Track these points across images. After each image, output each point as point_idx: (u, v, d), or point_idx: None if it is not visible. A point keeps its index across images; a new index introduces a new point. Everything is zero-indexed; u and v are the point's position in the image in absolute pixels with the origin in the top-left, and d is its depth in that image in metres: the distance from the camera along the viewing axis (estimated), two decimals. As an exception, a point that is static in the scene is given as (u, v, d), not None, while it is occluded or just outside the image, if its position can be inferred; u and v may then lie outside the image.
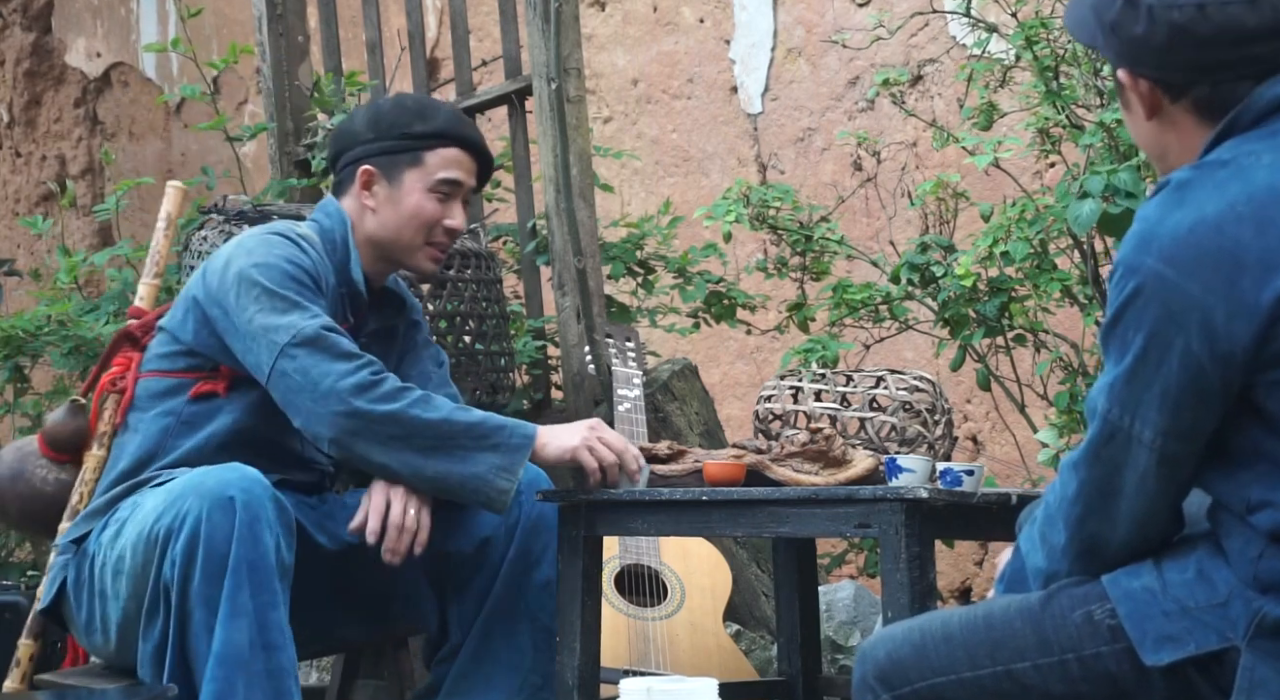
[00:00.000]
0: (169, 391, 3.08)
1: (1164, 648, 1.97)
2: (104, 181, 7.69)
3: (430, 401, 2.91)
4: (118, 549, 2.89)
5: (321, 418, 2.89)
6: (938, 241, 3.85)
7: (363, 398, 2.88)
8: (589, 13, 5.86)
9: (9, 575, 4.79)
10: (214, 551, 2.73)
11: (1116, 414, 1.98)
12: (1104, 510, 2.02)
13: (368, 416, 2.88)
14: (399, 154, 3.13)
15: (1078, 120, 3.70)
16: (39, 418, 4.76)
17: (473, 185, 3.19)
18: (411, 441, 2.89)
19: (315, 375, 2.90)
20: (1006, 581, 2.18)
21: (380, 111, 3.19)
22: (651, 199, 5.62)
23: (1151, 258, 1.94)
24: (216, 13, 6.89)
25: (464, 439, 2.90)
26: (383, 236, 3.14)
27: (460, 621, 3.13)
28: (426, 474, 2.91)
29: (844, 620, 4.12)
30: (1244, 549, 1.96)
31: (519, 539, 3.11)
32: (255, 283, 2.96)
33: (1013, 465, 4.59)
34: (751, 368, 5.41)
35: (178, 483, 2.84)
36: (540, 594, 3.11)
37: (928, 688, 2.09)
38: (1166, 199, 1.97)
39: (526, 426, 2.96)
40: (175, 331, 3.09)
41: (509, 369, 4.06)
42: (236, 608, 2.73)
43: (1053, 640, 2.04)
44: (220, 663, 2.72)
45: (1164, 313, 1.93)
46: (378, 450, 2.90)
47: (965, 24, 4.21)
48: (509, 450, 2.91)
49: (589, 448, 2.96)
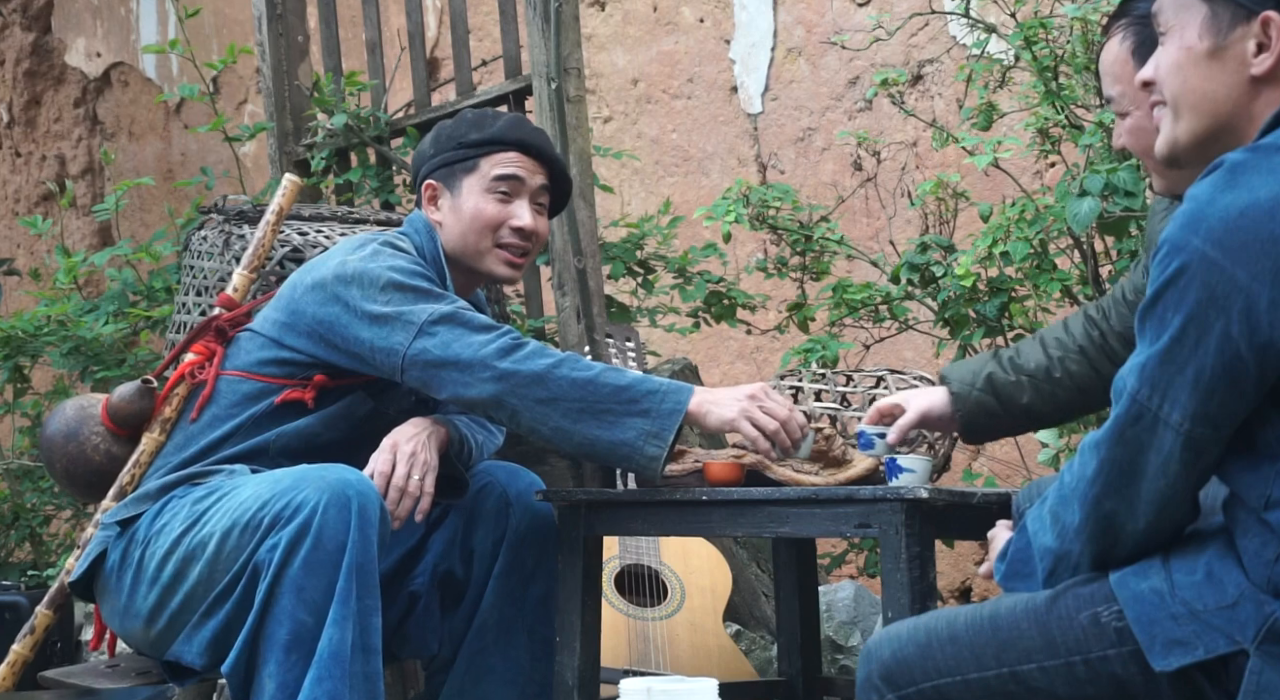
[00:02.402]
0: (254, 395, 3.05)
1: (1172, 652, 1.95)
2: (104, 181, 7.69)
3: (578, 361, 2.88)
4: (196, 536, 2.84)
5: (470, 384, 2.86)
6: (938, 241, 3.86)
7: (508, 359, 2.85)
8: (589, 13, 5.87)
9: (9, 575, 4.80)
10: (323, 546, 2.72)
11: (1146, 394, 1.94)
12: (1123, 492, 1.98)
13: (514, 377, 2.84)
14: (456, 164, 3.12)
15: (1077, 120, 3.70)
16: (39, 418, 4.76)
17: (541, 184, 3.14)
18: (558, 404, 2.84)
19: (457, 348, 2.88)
20: (1009, 560, 2.14)
21: (442, 128, 3.20)
22: (651, 199, 5.62)
23: (1199, 238, 1.90)
24: (216, 13, 6.90)
25: (612, 403, 2.84)
26: (453, 246, 3.12)
27: (451, 634, 3.12)
28: (575, 439, 2.85)
29: (844, 620, 4.12)
30: (1260, 551, 1.94)
31: (505, 553, 3.09)
32: (383, 277, 2.95)
33: (1013, 465, 4.59)
34: (751, 368, 5.42)
35: (286, 473, 2.81)
36: (538, 608, 3.10)
37: (933, 689, 2.08)
38: (1219, 180, 1.92)
39: (681, 392, 2.86)
40: (272, 335, 3.06)
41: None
42: (346, 610, 2.71)
43: (1059, 642, 2.02)
44: (326, 663, 2.70)
45: (1206, 295, 1.89)
46: (526, 413, 2.86)
47: (965, 24, 4.21)
48: (659, 416, 2.83)
49: (749, 419, 2.86)
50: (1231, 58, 2.01)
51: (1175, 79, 2.05)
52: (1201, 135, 2.04)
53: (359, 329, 2.95)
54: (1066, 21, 3.72)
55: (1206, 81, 2.02)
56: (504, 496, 3.10)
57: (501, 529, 3.08)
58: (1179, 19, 2.06)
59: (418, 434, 2.99)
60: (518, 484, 3.11)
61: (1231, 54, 2.00)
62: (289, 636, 2.72)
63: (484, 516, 3.10)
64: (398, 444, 2.97)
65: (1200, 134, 2.04)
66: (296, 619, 2.72)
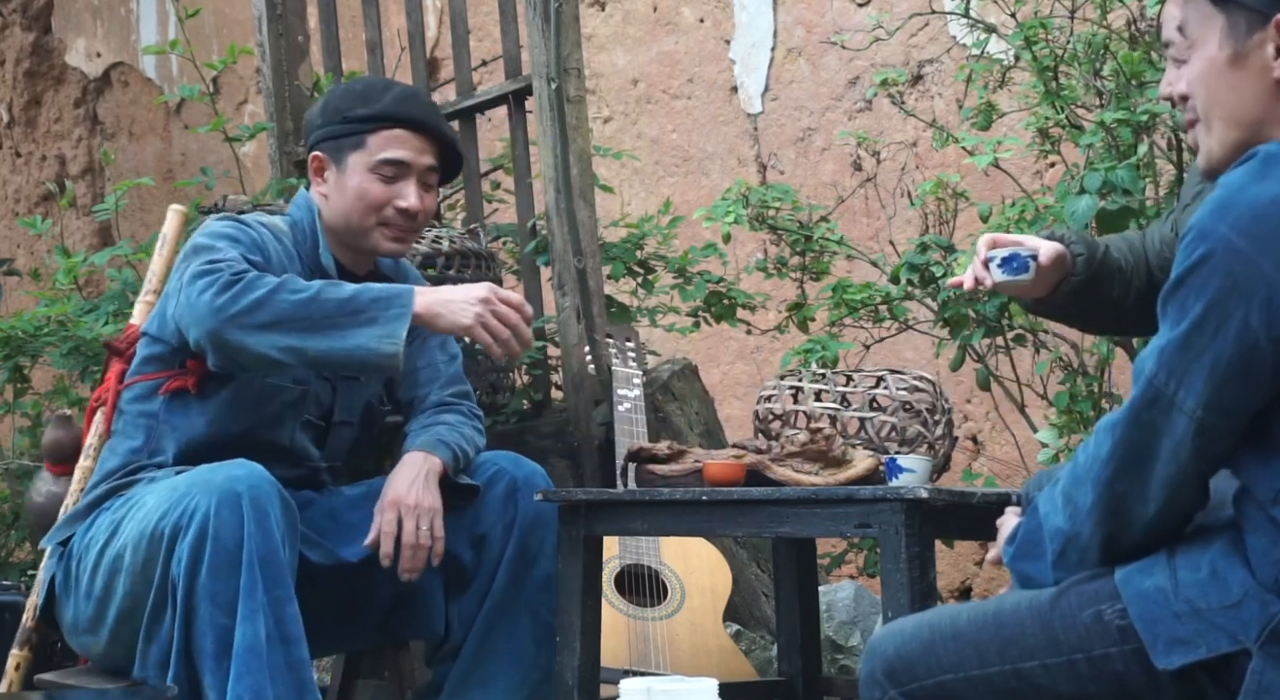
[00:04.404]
0: (146, 394, 3.09)
1: (1175, 651, 1.95)
2: (104, 181, 7.69)
3: (295, 282, 2.88)
4: (115, 547, 2.88)
5: (191, 328, 2.89)
6: (937, 241, 3.86)
7: (224, 295, 2.85)
8: (589, 13, 5.86)
9: (9, 575, 4.79)
10: (222, 548, 2.73)
11: (1163, 379, 1.94)
12: (1135, 474, 1.98)
13: (229, 309, 2.84)
14: (343, 138, 3.10)
15: (1077, 120, 3.70)
16: (39, 417, 4.76)
17: (429, 164, 3.12)
18: (284, 325, 2.84)
19: (185, 298, 2.89)
20: (1019, 541, 2.13)
21: (330, 98, 3.17)
22: (651, 199, 5.62)
23: (1226, 225, 1.89)
24: (216, 13, 6.89)
25: (338, 316, 2.85)
26: (337, 223, 3.12)
27: (461, 620, 3.13)
28: (310, 354, 2.86)
29: (844, 620, 4.12)
30: (1269, 550, 1.93)
31: (517, 536, 3.10)
32: (194, 245, 2.98)
33: (1013, 465, 4.59)
34: (751, 368, 5.41)
35: (182, 479, 2.84)
36: (540, 589, 3.11)
37: (936, 685, 2.08)
38: (1252, 169, 1.92)
39: (404, 295, 2.88)
40: (150, 330, 3.11)
41: (509, 369, 4.06)
42: (254, 604, 2.72)
43: (1061, 639, 2.02)
44: (243, 659, 2.71)
45: (1229, 283, 1.89)
46: (251, 341, 2.85)
47: (965, 24, 4.21)
48: (386, 322, 2.85)
49: (484, 325, 2.89)
50: (1253, 64, 2.01)
51: (1203, 91, 2.05)
52: (1235, 144, 2.04)
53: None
54: (1066, 22, 3.72)
55: (1232, 90, 2.03)
56: (512, 483, 3.11)
57: (512, 514, 3.10)
58: (1200, 33, 2.06)
59: (414, 481, 3.01)
60: (523, 470, 3.13)
61: (1253, 60, 2.01)
62: (214, 644, 2.74)
63: (493, 502, 3.11)
64: (399, 500, 2.99)
65: (1233, 143, 2.04)
66: (218, 625, 2.74)
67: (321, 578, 3.02)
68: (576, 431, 4.03)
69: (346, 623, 3.16)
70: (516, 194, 4.41)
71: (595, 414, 3.99)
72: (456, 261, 3.89)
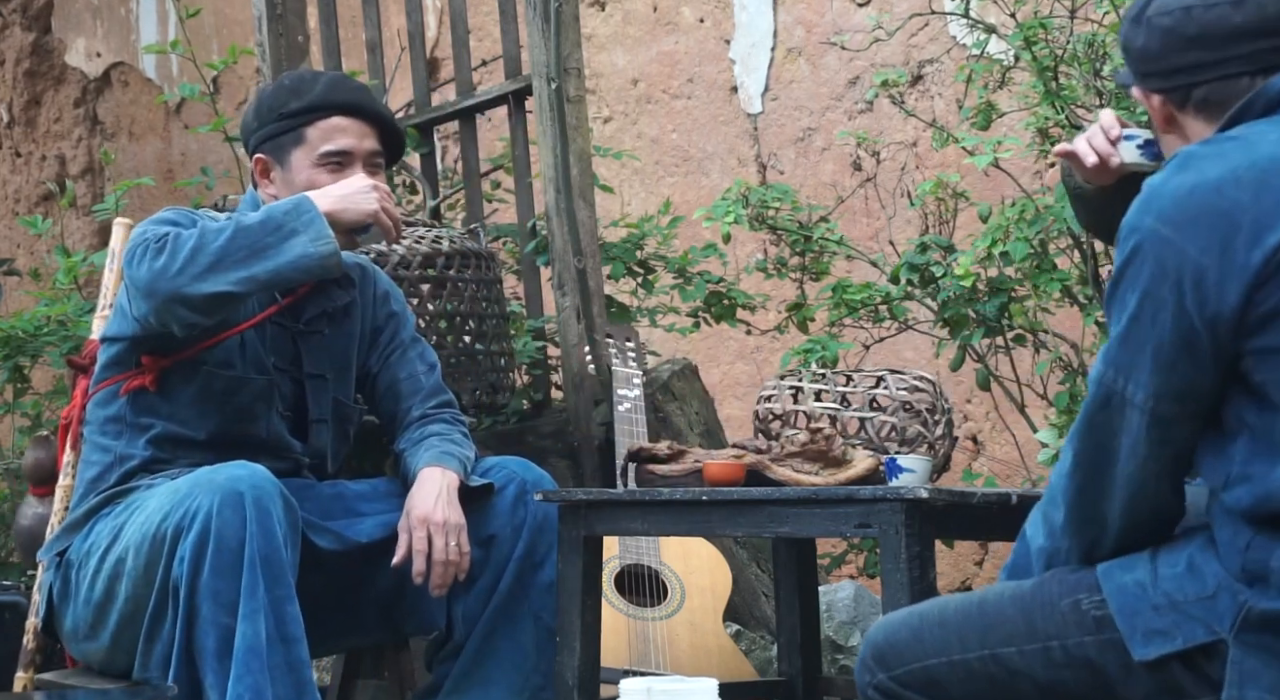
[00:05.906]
0: (109, 399, 3.09)
1: (1152, 642, 1.99)
2: (104, 181, 7.69)
3: (209, 227, 2.91)
4: (116, 552, 2.89)
5: (140, 304, 2.91)
6: (937, 241, 3.86)
7: (160, 258, 2.87)
8: (589, 13, 5.86)
9: (9, 575, 4.79)
10: (224, 547, 2.73)
11: (1111, 376, 2.00)
12: (1098, 481, 2.03)
13: (174, 269, 2.86)
14: (283, 136, 3.09)
15: (1077, 120, 3.70)
16: (39, 418, 4.76)
17: (372, 148, 3.12)
18: (226, 262, 2.86)
19: (132, 273, 2.91)
20: (1009, 569, 2.20)
21: (262, 97, 3.16)
22: (651, 199, 5.62)
23: (1150, 217, 1.97)
24: (216, 13, 6.89)
25: (265, 239, 2.88)
26: None
27: (465, 619, 3.12)
28: (260, 277, 2.88)
29: (844, 620, 4.12)
30: (1233, 539, 1.97)
31: (526, 537, 3.11)
32: (135, 235, 2.99)
33: (1013, 465, 4.59)
34: (751, 368, 5.41)
35: (183, 481, 2.84)
36: (544, 594, 3.11)
37: (920, 669, 2.14)
38: (1173, 166, 2.01)
39: (302, 202, 2.93)
40: (108, 333, 3.11)
41: (509, 369, 4.06)
42: (254, 603, 2.73)
43: (1039, 626, 2.07)
44: (243, 658, 2.72)
45: (1159, 271, 1.95)
46: (207, 285, 2.87)
47: (965, 24, 4.21)
48: (307, 226, 2.90)
49: (386, 210, 2.98)
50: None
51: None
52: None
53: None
54: (1066, 22, 3.72)
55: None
56: (522, 485, 3.12)
57: (522, 515, 3.11)
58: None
59: (438, 497, 3.02)
60: (532, 475, 3.14)
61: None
62: (216, 644, 2.74)
63: (503, 505, 3.11)
64: (427, 516, 2.99)
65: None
66: (220, 624, 2.74)
67: (328, 563, 3.03)
68: (576, 431, 4.03)
69: (349, 613, 3.16)
70: (516, 194, 4.41)
71: (595, 414, 4.00)
72: (456, 261, 3.89)
